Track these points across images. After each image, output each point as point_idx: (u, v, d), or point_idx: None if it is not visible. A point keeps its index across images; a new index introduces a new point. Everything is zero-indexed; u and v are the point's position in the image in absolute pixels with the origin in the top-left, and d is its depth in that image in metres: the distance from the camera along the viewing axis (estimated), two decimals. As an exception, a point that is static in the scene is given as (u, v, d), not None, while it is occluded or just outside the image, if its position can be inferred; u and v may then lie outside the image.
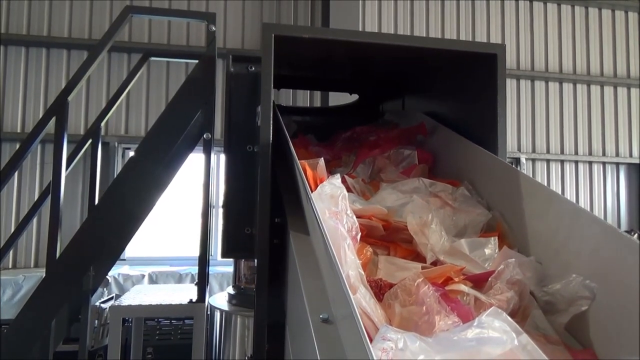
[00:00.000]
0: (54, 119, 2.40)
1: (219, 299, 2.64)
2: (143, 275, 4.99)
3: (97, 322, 3.91)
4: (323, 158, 1.46)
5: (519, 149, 6.88)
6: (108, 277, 4.52)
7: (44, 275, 2.37)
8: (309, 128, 2.52)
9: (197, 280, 2.52)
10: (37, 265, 5.41)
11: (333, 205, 1.20)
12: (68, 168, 2.71)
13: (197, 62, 2.57)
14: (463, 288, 1.16)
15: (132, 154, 3.84)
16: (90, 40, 5.65)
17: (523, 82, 6.97)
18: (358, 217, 1.31)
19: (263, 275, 1.55)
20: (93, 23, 5.81)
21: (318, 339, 0.88)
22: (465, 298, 1.14)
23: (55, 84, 5.64)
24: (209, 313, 2.54)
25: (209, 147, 2.56)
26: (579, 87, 7.16)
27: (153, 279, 5.01)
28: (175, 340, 4.12)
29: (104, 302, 4.18)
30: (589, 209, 6.81)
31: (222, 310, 2.47)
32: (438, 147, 2.00)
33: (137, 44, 5.77)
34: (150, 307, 2.48)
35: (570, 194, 7.02)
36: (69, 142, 2.51)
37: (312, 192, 1.24)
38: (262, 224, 1.55)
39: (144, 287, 3.93)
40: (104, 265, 2.70)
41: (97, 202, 2.91)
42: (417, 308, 1.03)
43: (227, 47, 5.97)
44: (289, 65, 2.31)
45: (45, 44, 5.68)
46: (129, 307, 2.47)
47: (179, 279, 5.04)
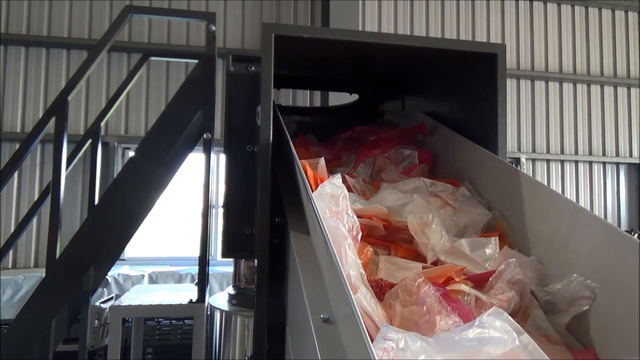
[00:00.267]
0: (54, 119, 2.40)
1: (219, 299, 2.64)
2: (143, 275, 4.99)
3: (97, 322, 3.90)
4: (323, 158, 1.46)
5: (519, 149, 6.88)
6: (108, 277, 4.51)
7: (44, 275, 2.37)
8: (309, 128, 2.51)
9: (197, 280, 2.52)
10: (37, 265, 5.41)
11: (334, 205, 1.20)
12: (68, 168, 2.70)
13: (197, 62, 2.57)
14: (464, 288, 1.16)
15: (132, 154, 3.85)
16: (90, 40, 5.65)
17: (523, 82, 6.97)
18: (359, 216, 1.31)
19: (263, 275, 1.55)
20: (93, 23, 5.81)
21: (319, 339, 0.88)
22: (466, 298, 1.14)
23: (55, 84, 5.64)
24: (209, 313, 2.54)
25: (209, 147, 2.56)
26: (579, 87, 7.16)
27: (153, 279, 5.02)
28: (175, 341, 4.11)
29: (104, 302, 4.17)
30: (589, 209, 6.80)
31: (222, 310, 2.48)
32: (438, 147, 2.00)
33: (137, 44, 5.77)
34: (150, 307, 2.48)
35: (571, 194, 7.01)
36: (69, 142, 2.51)
37: (312, 191, 1.24)
38: (262, 224, 1.55)
39: (144, 287, 3.94)
40: (104, 265, 2.70)
41: (97, 202, 2.91)
42: (417, 308, 1.03)
43: (227, 47, 5.97)
44: (289, 65, 2.31)
45: (45, 44, 5.68)
46: (129, 307, 2.47)
47: (179, 279, 5.05)
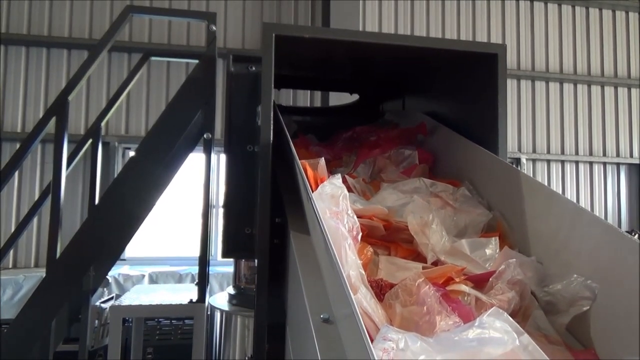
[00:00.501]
0: (54, 119, 2.40)
1: (219, 299, 2.64)
2: (143, 275, 4.99)
3: (97, 322, 3.90)
4: (323, 158, 1.45)
5: (520, 149, 6.88)
6: (108, 277, 4.51)
7: (44, 275, 2.37)
8: (310, 128, 2.51)
9: (197, 280, 2.52)
10: (37, 265, 5.41)
11: (334, 205, 1.20)
12: (68, 168, 2.70)
13: (197, 62, 2.57)
14: (464, 288, 1.15)
15: (132, 154, 3.85)
16: (91, 40, 5.65)
17: (523, 82, 6.97)
18: (359, 217, 1.31)
19: (263, 275, 1.55)
20: (93, 23, 5.81)
21: (319, 339, 0.88)
22: (466, 298, 1.13)
23: (56, 84, 5.64)
24: (209, 313, 2.54)
25: (209, 147, 2.56)
26: (580, 87, 7.16)
27: (153, 279, 5.01)
28: (176, 340, 4.11)
29: (104, 302, 4.17)
30: (590, 210, 6.79)
31: (222, 311, 2.48)
32: (438, 147, 2.00)
33: (137, 44, 5.77)
34: (151, 307, 2.48)
35: (571, 194, 7.01)
36: (69, 142, 2.51)
37: (312, 192, 1.24)
38: (262, 224, 1.55)
39: (144, 287, 3.94)
40: (104, 265, 2.71)
41: (97, 202, 2.91)
42: (418, 308, 1.03)
43: (227, 47, 5.97)
44: (290, 65, 2.31)
45: (46, 44, 5.68)
46: (129, 307, 2.47)
47: (179, 279, 5.04)
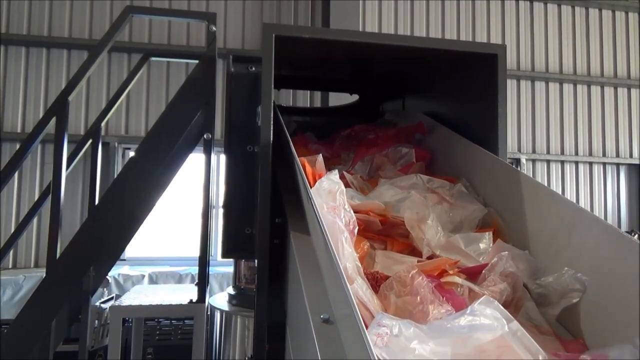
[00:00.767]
0: (54, 119, 2.40)
1: (219, 299, 2.64)
2: (143, 276, 5.00)
3: (97, 322, 3.91)
4: (322, 155, 1.46)
5: (519, 150, 6.88)
6: (108, 277, 4.51)
7: (44, 276, 2.37)
8: (310, 128, 2.51)
9: (197, 281, 2.52)
10: (37, 265, 5.42)
11: (331, 200, 1.21)
12: (68, 168, 2.70)
13: (197, 62, 2.57)
14: (457, 280, 1.17)
15: (132, 154, 3.85)
16: (91, 41, 5.66)
17: (523, 82, 6.97)
18: (356, 212, 1.32)
19: (263, 276, 1.55)
20: (93, 23, 5.81)
21: (319, 339, 0.88)
22: (460, 289, 1.15)
23: (56, 84, 5.64)
24: (209, 313, 2.54)
25: (209, 147, 2.56)
26: (579, 87, 7.16)
27: (153, 279, 5.02)
28: (175, 341, 4.12)
29: (104, 302, 4.18)
30: (590, 210, 6.80)
31: (222, 311, 2.48)
32: (437, 146, 2.00)
33: (137, 44, 5.78)
34: (150, 307, 2.48)
35: (571, 195, 7.02)
36: (69, 142, 2.51)
37: (310, 187, 1.24)
38: (262, 224, 1.55)
39: (144, 287, 3.94)
40: (104, 266, 2.70)
41: (97, 202, 2.91)
42: (411, 298, 1.05)
43: (227, 47, 5.98)
44: (290, 66, 2.31)
45: (46, 44, 5.69)
46: (129, 307, 2.47)
47: (179, 279, 5.05)
